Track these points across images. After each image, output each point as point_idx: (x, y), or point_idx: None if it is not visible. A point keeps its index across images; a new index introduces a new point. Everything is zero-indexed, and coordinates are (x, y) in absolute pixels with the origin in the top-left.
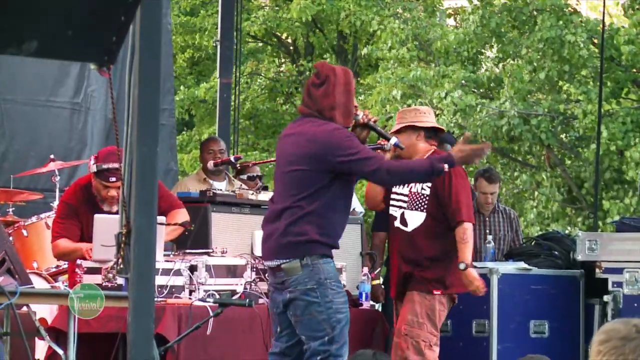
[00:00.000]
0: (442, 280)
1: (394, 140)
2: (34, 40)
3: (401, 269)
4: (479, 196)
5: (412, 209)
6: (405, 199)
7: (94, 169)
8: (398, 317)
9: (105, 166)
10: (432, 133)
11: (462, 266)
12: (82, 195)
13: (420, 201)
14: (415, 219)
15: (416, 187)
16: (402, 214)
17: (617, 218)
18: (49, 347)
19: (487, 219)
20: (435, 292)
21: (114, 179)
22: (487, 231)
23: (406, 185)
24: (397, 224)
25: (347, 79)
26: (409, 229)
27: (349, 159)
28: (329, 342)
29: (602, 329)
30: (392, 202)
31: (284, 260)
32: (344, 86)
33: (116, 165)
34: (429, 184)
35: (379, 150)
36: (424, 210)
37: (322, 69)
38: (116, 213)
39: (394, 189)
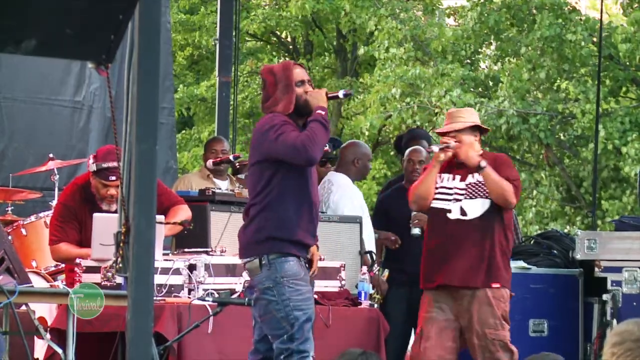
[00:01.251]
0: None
1: (341, 92)
2: (32, 39)
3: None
4: None
5: (474, 198)
6: (462, 192)
7: (93, 168)
8: (473, 316)
9: (105, 165)
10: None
11: (483, 163)
12: (80, 195)
13: (482, 188)
14: (478, 206)
15: (474, 179)
16: (461, 206)
17: (617, 217)
18: (49, 346)
19: None
20: (494, 286)
21: (113, 177)
22: None
23: (459, 180)
24: (453, 215)
25: (286, 73)
26: (471, 216)
27: (274, 136)
28: (289, 339)
29: (614, 331)
30: (438, 196)
31: (247, 260)
32: (284, 81)
33: (115, 164)
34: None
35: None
36: (487, 197)
37: (262, 73)
38: (115, 212)
39: (443, 184)
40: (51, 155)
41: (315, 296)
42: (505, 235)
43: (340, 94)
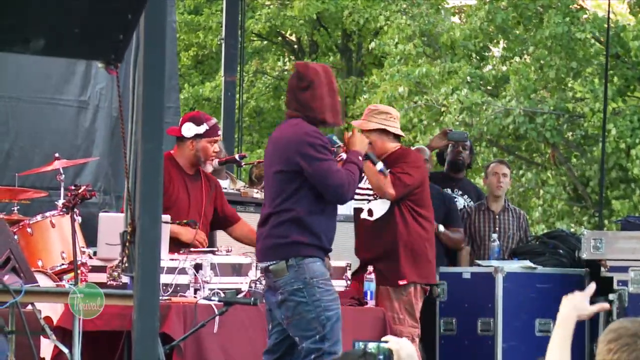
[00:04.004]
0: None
1: (380, 165)
2: (40, 39)
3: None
4: (491, 180)
5: (377, 198)
6: (371, 192)
7: (202, 129)
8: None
9: (213, 121)
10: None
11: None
12: (166, 165)
13: None
14: (381, 206)
15: None
16: (369, 208)
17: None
18: (55, 346)
19: (497, 216)
20: (401, 284)
21: (220, 132)
22: (497, 228)
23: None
24: (363, 215)
25: (329, 77)
26: (375, 216)
27: (312, 167)
28: (321, 340)
29: (609, 328)
30: (356, 197)
31: (271, 262)
32: (328, 85)
33: (215, 120)
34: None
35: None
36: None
37: (306, 71)
38: (215, 170)
39: (361, 184)
40: (57, 155)
41: None
42: (408, 229)
43: (378, 166)
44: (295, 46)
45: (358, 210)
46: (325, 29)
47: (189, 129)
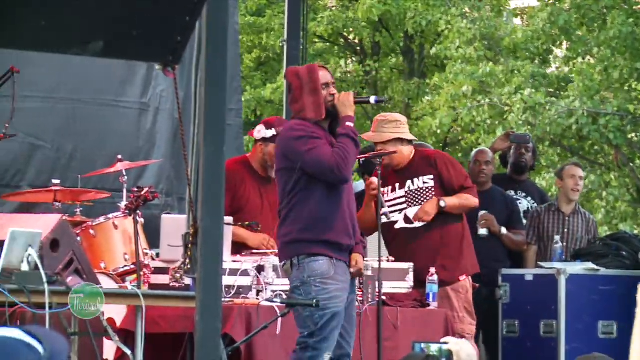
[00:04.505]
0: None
1: (373, 98)
2: (99, 41)
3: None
4: (567, 183)
5: (415, 205)
6: (403, 199)
7: (269, 134)
8: None
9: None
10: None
11: (442, 203)
12: (239, 168)
13: (425, 193)
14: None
15: (415, 184)
16: (405, 214)
17: None
18: (118, 347)
19: (567, 218)
20: (461, 280)
21: None
22: (565, 230)
23: (398, 188)
24: (399, 225)
25: (312, 76)
26: (418, 224)
27: (305, 149)
28: (309, 335)
29: None
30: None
31: (283, 263)
32: (309, 84)
33: None
34: (431, 176)
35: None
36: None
37: (287, 76)
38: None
39: (386, 198)
40: (119, 157)
41: (384, 297)
42: (461, 225)
43: (372, 99)
44: (358, 48)
45: (389, 225)
46: (387, 31)
47: (259, 132)
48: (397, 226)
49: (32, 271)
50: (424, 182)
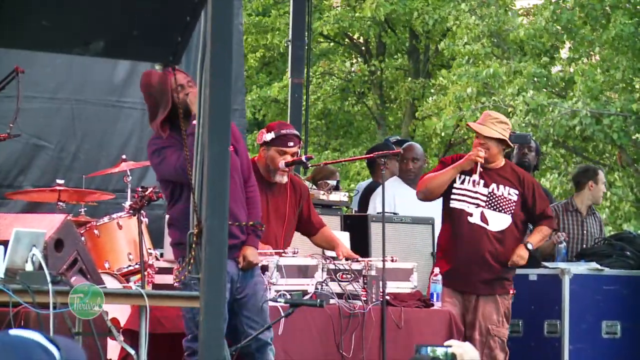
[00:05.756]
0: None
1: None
2: (100, 40)
3: (488, 267)
4: (600, 188)
5: (493, 210)
6: (484, 198)
7: (268, 137)
8: (477, 314)
9: (284, 131)
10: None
11: (530, 246)
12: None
13: (506, 204)
14: (500, 220)
15: (500, 191)
16: (482, 213)
17: None
18: (122, 348)
19: (584, 219)
20: (511, 292)
21: (292, 143)
22: (584, 231)
23: (483, 185)
24: (474, 220)
25: (145, 81)
26: (493, 229)
27: (157, 162)
28: (193, 339)
29: None
30: (459, 197)
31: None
32: (145, 93)
33: (294, 131)
34: (517, 192)
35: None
36: (510, 214)
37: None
38: (287, 184)
39: (465, 186)
40: (124, 157)
41: (388, 297)
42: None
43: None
44: (363, 48)
45: (459, 211)
46: (392, 31)
47: (263, 135)
48: (471, 220)
49: (36, 271)
50: (509, 194)
